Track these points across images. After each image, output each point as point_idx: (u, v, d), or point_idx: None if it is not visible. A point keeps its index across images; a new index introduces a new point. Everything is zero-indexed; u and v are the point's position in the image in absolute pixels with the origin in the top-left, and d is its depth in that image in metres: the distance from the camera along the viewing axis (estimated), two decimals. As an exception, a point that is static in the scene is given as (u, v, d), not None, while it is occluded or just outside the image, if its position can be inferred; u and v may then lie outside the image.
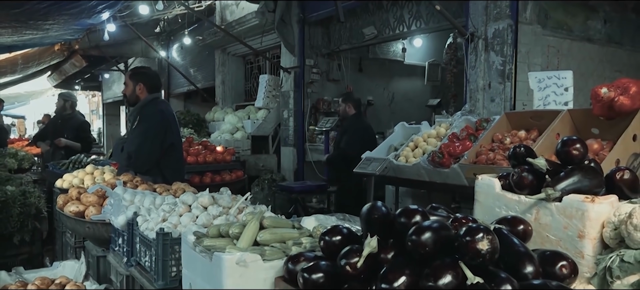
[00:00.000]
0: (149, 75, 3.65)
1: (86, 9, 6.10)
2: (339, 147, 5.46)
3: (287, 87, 7.56)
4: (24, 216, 4.46)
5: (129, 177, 2.91)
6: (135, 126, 3.45)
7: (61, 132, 6.62)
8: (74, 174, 4.09)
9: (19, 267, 3.91)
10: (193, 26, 9.06)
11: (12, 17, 5.74)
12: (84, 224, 2.58)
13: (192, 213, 1.96)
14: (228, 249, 1.51)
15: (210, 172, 4.48)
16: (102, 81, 15.35)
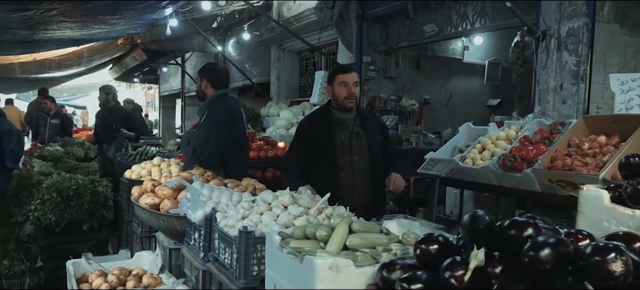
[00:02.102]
0: (215, 72, 3.69)
1: (151, 5, 6.28)
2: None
3: (343, 84, 7.50)
4: (93, 204, 4.64)
5: (201, 171, 2.94)
6: (202, 121, 3.50)
7: (110, 124, 6.78)
8: (142, 165, 4.20)
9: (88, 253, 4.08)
10: (250, 21, 9.16)
11: (83, 12, 5.98)
12: (158, 216, 2.62)
13: (273, 212, 1.94)
14: (319, 253, 1.47)
15: (272, 167, 4.49)
16: (160, 74, 15.81)
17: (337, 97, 3.16)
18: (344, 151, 3.14)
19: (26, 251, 4.42)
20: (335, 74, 3.24)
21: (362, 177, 3.17)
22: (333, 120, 3.21)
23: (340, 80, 3.14)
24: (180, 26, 8.78)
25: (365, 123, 3.25)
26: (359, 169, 3.16)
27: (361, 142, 3.19)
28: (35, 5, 5.22)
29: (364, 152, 3.18)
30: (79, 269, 2.64)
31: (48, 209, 4.46)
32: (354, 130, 3.19)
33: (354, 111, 3.23)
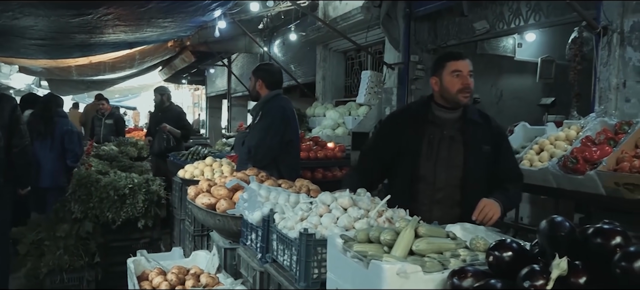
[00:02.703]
0: (269, 72, 3.72)
1: (202, 7, 6.38)
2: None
3: (390, 84, 7.42)
4: (148, 203, 4.77)
5: (255, 171, 2.96)
6: (257, 121, 3.53)
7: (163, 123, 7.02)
8: (195, 165, 4.28)
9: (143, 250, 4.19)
10: (296, 22, 9.20)
11: (137, 16, 6.15)
12: (214, 216, 2.65)
13: (332, 214, 1.92)
14: (385, 258, 1.44)
15: (321, 168, 4.49)
16: (207, 76, 16.14)
17: (448, 91, 2.57)
18: (427, 158, 2.59)
19: (85, 247, 4.58)
20: (445, 61, 2.65)
21: (446, 194, 2.59)
22: (428, 118, 2.67)
23: (452, 69, 2.57)
24: (228, 28, 8.91)
25: (469, 127, 2.64)
26: (442, 182, 2.58)
27: (454, 150, 2.59)
28: (94, 10, 5.41)
29: (455, 163, 2.58)
30: (139, 267, 2.71)
31: (105, 206, 4.63)
32: (448, 133, 2.61)
33: (459, 110, 2.65)
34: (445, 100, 2.63)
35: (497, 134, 2.74)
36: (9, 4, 5.03)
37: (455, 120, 2.65)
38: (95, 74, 11.17)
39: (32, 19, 5.61)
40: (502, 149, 2.70)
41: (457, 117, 2.65)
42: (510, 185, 2.64)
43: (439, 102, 2.67)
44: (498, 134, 2.76)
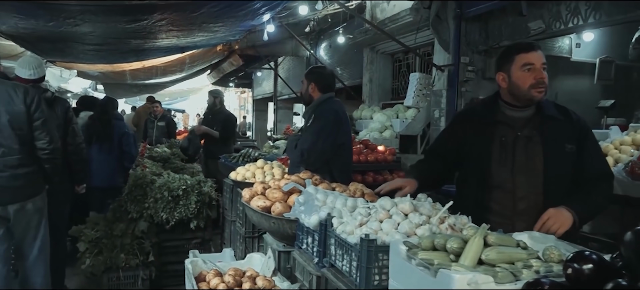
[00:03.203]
0: (321, 75, 3.71)
1: (251, 11, 6.47)
2: None
3: (440, 86, 7.28)
4: (200, 204, 4.86)
5: (309, 174, 2.96)
6: (309, 124, 3.53)
7: (211, 126, 7.22)
8: (246, 167, 4.32)
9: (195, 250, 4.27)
10: (343, 25, 9.19)
11: (189, 21, 6.30)
12: (269, 219, 2.66)
13: (393, 220, 1.88)
14: (454, 266, 1.39)
15: (372, 171, 4.44)
16: (254, 79, 16.38)
17: (519, 87, 2.30)
18: (502, 162, 2.32)
19: (140, 246, 4.71)
20: (513, 54, 2.34)
21: (529, 204, 2.29)
22: (497, 118, 2.40)
23: (523, 63, 2.29)
24: (275, 31, 9.00)
25: (548, 124, 2.32)
26: (524, 191, 2.29)
27: (532, 152, 2.31)
28: (149, 16, 5.58)
29: (535, 167, 2.29)
30: (196, 267, 2.75)
31: (160, 207, 4.75)
32: (525, 133, 2.32)
33: (532, 108, 2.36)
34: (515, 98, 2.35)
35: (580, 129, 2.38)
36: (71, 11, 5.26)
37: (529, 118, 2.36)
38: (148, 77, 11.54)
39: (91, 25, 5.85)
40: (587, 146, 2.36)
41: (531, 114, 2.35)
42: (595, 189, 2.32)
43: (507, 100, 2.40)
44: (581, 129, 2.39)
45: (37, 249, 3.68)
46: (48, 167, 3.63)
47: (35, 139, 3.52)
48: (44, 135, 3.54)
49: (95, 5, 5.06)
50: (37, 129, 3.51)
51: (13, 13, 5.21)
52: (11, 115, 3.40)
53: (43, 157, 3.58)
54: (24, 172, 3.50)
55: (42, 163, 3.60)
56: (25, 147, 3.49)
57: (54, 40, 6.54)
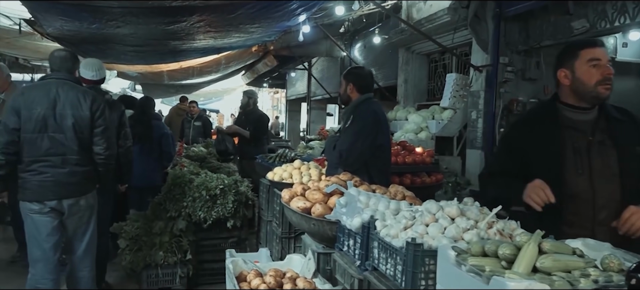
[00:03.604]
0: (360, 76, 3.69)
1: (287, 12, 6.49)
2: None
3: (477, 87, 7.15)
4: (237, 203, 4.90)
5: (349, 176, 2.94)
6: (348, 125, 3.51)
7: (244, 126, 7.26)
8: (283, 168, 4.34)
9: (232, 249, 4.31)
10: (377, 25, 9.13)
11: (226, 22, 6.37)
12: (309, 220, 2.65)
13: (439, 224, 1.84)
14: (508, 274, 1.35)
15: (410, 173, 4.39)
16: (287, 79, 16.47)
17: (585, 83, 2.21)
18: (577, 171, 2.20)
19: (178, 244, 4.78)
20: (578, 49, 2.26)
21: (609, 212, 2.17)
22: (561, 122, 2.29)
23: (589, 58, 2.21)
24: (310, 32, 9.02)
25: (615, 127, 2.25)
26: (604, 199, 2.18)
27: (607, 157, 2.21)
28: (188, 17, 5.67)
29: (612, 173, 2.20)
30: (237, 267, 2.76)
31: (198, 206, 4.81)
32: (597, 137, 2.24)
33: (595, 110, 2.28)
34: (578, 97, 2.26)
35: None
36: (114, 13, 5.39)
37: (594, 121, 2.27)
38: (184, 78, 11.75)
39: (132, 27, 5.99)
40: None
41: (595, 117, 2.27)
42: None
43: (569, 101, 2.30)
44: None
45: (86, 244, 3.87)
46: (102, 170, 3.86)
47: (94, 144, 3.74)
48: (103, 141, 3.76)
49: (136, 7, 5.17)
50: (97, 136, 3.74)
51: (59, 16, 5.38)
52: (76, 119, 3.64)
53: (98, 161, 3.80)
54: (80, 171, 3.71)
55: (96, 165, 3.82)
56: (84, 149, 3.72)
57: (96, 42, 6.73)
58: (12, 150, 3.55)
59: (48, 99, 3.59)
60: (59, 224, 3.71)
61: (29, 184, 3.59)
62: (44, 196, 3.60)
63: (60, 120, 3.59)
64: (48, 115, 3.57)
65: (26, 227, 3.69)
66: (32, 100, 3.58)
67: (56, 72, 3.77)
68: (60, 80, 3.71)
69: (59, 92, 3.63)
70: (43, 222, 3.63)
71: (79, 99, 3.67)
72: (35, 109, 3.56)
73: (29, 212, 3.63)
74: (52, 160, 3.59)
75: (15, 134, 3.54)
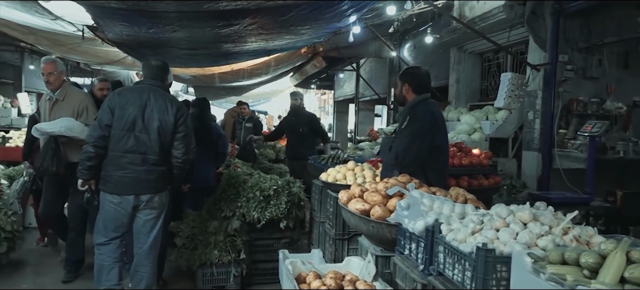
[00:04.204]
0: (416, 76, 3.63)
1: (338, 14, 6.48)
2: None
3: (534, 86, 6.89)
4: (290, 204, 4.92)
5: (407, 178, 2.88)
6: (404, 126, 3.45)
7: (297, 126, 7.31)
8: (337, 169, 4.33)
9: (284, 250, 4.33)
10: (428, 25, 8.98)
11: (278, 24, 6.43)
12: (368, 222, 2.62)
13: (511, 229, 1.77)
14: (594, 284, 1.27)
15: (466, 175, 4.27)
16: (335, 80, 16.47)
17: None
18: None
19: (232, 244, 4.85)
20: None
21: None
22: None
23: None
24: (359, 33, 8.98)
25: None
26: None
27: None
28: (241, 20, 5.75)
29: None
30: (296, 268, 2.76)
31: (252, 206, 4.87)
32: None
33: None
34: None
35: None
36: (170, 18, 5.55)
37: None
38: (235, 80, 11.95)
39: (187, 30, 6.14)
40: None
41: None
42: None
43: None
44: None
45: (152, 239, 4.12)
46: (176, 172, 4.15)
47: (173, 148, 4.04)
48: (182, 146, 4.06)
49: (192, 12, 5.30)
50: (178, 140, 4.04)
51: (120, 21, 5.58)
52: (162, 123, 3.95)
53: (175, 164, 4.09)
54: (157, 170, 4.01)
55: (172, 167, 4.11)
56: (163, 151, 4.01)
57: (153, 46, 6.94)
58: (102, 144, 3.89)
59: (140, 102, 3.92)
60: (129, 219, 4.02)
61: (111, 177, 3.92)
62: (122, 190, 3.91)
63: (147, 122, 3.91)
64: (137, 116, 3.89)
65: (101, 213, 4.04)
66: (127, 100, 3.92)
67: (150, 79, 4.11)
68: (152, 86, 4.06)
69: (150, 97, 3.96)
70: (117, 215, 3.96)
71: (167, 105, 3.99)
72: (127, 109, 3.89)
73: (108, 202, 3.96)
74: (133, 157, 3.89)
75: (107, 129, 3.88)
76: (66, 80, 5.14)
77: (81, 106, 4.98)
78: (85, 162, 3.92)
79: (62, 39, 7.74)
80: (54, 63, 4.97)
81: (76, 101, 4.99)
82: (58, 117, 4.86)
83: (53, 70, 4.91)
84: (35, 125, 4.79)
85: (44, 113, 5.03)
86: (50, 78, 4.89)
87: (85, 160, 3.92)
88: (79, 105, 4.97)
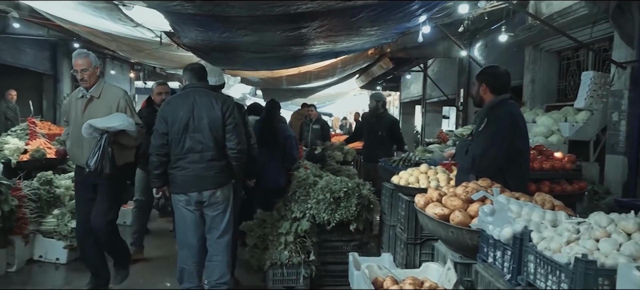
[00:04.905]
0: (494, 76, 3.48)
1: (408, 13, 6.37)
2: None
3: (620, 85, 6.44)
4: (360, 206, 4.89)
5: (488, 183, 2.77)
6: (482, 128, 3.31)
7: (375, 130, 7.23)
8: (409, 172, 4.25)
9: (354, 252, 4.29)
10: (501, 23, 8.65)
11: (347, 26, 6.42)
12: (447, 228, 2.54)
13: (613, 239, 1.64)
14: None
15: (548, 180, 4.05)
16: (402, 81, 16.26)
17: None
18: None
19: (302, 245, 4.88)
20: None
21: None
22: None
23: None
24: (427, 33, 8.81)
25: None
26: None
27: None
28: (311, 23, 5.79)
29: None
30: (372, 272, 2.72)
31: (322, 208, 4.87)
32: None
33: None
34: None
35: None
36: (243, 22, 5.69)
37: None
38: (302, 82, 12.10)
39: (259, 34, 6.27)
40: None
41: None
42: None
43: None
44: None
45: (221, 231, 4.29)
46: (235, 164, 4.29)
47: (226, 140, 4.20)
48: (234, 137, 4.21)
49: (264, 15, 5.39)
50: (229, 132, 4.19)
51: (196, 27, 5.79)
52: (211, 119, 4.11)
53: (231, 155, 4.25)
54: (216, 165, 4.18)
55: (230, 160, 4.26)
56: (219, 145, 4.17)
57: (225, 50, 7.15)
58: (163, 151, 4.12)
59: (188, 105, 4.11)
60: (200, 215, 4.22)
61: (175, 178, 4.14)
62: (187, 188, 4.11)
63: (198, 122, 4.09)
64: (188, 118, 4.08)
65: (175, 217, 4.27)
66: (176, 107, 4.14)
67: (193, 82, 4.28)
68: (196, 88, 4.24)
69: (196, 98, 4.14)
70: (187, 214, 4.17)
71: (212, 102, 4.16)
72: (178, 115, 4.09)
73: (178, 203, 4.18)
74: (192, 157, 4.09)
75: (165, 137, 4.10)
76: (101, 78, 4.53)
77: (121, 105, 4.43)
78: (153, 171, 4.16)
79: (141, 45, 8.16)
80: (88, 57, 4.40)
81: (114, 99, 4.44)
82: (95, 116, 4.29)
83: (87, 66, 4.36)
84: (88, 122, 4.16)
85: (76, 114, 4.45)
86: (85, 74, 4.34)
87: (153, 170, 4.15)
88: (118, 104, 4.43)
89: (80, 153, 4.41)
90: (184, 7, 4.92)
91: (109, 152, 4.20)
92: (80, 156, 4.42)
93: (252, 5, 5.02)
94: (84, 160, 4.29)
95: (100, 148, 4.17)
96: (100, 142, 4.18)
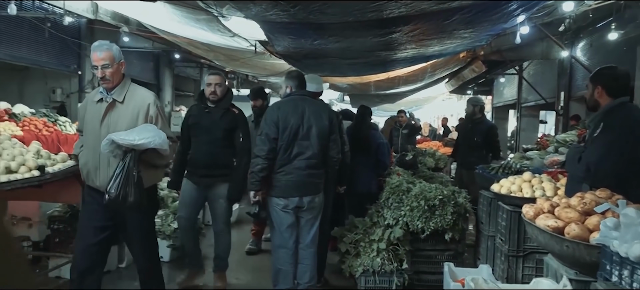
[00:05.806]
0: (611, 77, 3.20)
1: (506, 14, 6.07)
2: None
3: None
4: (456, 215, 4.72)
5: (608, 193, 2.54)
6: (597, 135, 3.05)
7: (471, 135, 6.96)
8: (511, 180, 4.03)
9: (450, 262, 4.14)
10: (608, 20, 7.99)
11: (440, 28, 6.24)
12: (562, 242, 2.36)
13: None
14: None
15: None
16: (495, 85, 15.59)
17: None
18: None
19: (395, 252, 4.79)
20: None
21: None
22: None
23: None
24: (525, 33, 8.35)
25: None
26: None
27: None
28: (402, 27, 5.70)
29: None
30: (477, 284, 2.61)
31: (415, 215, 4.76)
32: None
33: None
34: None
35: None
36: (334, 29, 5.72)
37: None
38: (390, 87, 11.97)
39: (350, 41, 6.28)
40: None
41: None
42: None
43: None
44: None
45: (312, 236, 4.42)
46: (330, 171, 4.46)
47: (329, 149, 4.36)
48: (335, 146, 4.40)
49: (356, 21, 5.39)
50: (332, 142, 4.37)
51: (288, 35, 5.92)
52: (319, 128, 4.27)
53: (331, 164, 4.41)
54: (317, 173, 4.34)
55: (327, 168, 4.41)
56: (322, 154, 4.34)
57: (316, 57, 7.25)
58: (272, 156, 4.21)
59: (298, 113, 4.24)
60: (296, 219, 4.33)
61: (279, 183, 4.24)
62: (289, 194, 4.23)
63: (307, 130, 4.23)
64: (299, 125, 4.22)
65: (272, 219, 4.35)
66: (287, 113, 4.25)
67: (299, 90, 4.44)
68: (302, 96, 4.39)
69: (305, 107, 4.28)
70: (285, 217, 4.27)
71: (320, 111, 4.34)
72: (289, 121, 4.21)
73: (276, 206, 4.28)
74: (297, 163, 4.22)
75: (275, 142, 4.20)
76: (125, 77, 3.58)
77: (150, 113, 3.49)
78: (258, 173, 4.20)
79: (236, 54, 8.50)
80: (110, 51, 3.45)
81: (142, 105, 3.48)
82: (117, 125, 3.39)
83: (110, 60, 3.42)
84: (110, 136, 3.23)
85: (92, 121, 3.48)
86: (106, 71, 3.39)
87: (258, 172, 4.19)
88: (147, 112, 3.48)
89: (96, 173, 3.42)
90: (279, 16, 5.04)
91: (135, 175, 3.25)
92: (95, 177, 3.43)
93: (345, 11, 5.03)
94: (99, 182, 3.39)
95: (124, 170, 3.24)
96: (125, 163, 3.25)
